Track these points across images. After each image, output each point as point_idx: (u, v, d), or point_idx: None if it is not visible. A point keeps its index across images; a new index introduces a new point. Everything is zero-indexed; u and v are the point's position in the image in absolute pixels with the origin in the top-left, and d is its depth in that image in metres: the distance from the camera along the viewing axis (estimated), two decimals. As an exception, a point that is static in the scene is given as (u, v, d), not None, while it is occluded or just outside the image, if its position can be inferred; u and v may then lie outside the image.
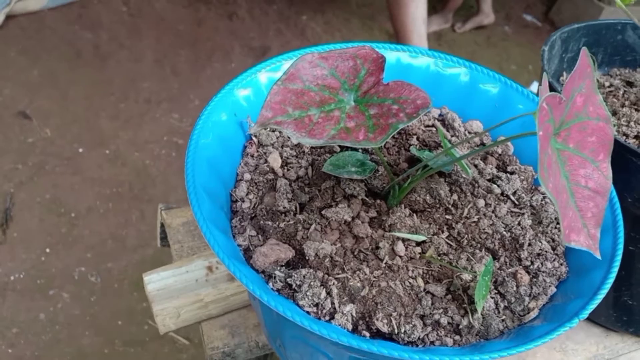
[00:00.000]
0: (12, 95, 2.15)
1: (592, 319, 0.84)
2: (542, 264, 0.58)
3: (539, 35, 2.89)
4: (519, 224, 0.61)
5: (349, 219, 0.59)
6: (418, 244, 0.58)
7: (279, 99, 0.47)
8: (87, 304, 1.70)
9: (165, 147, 2.10)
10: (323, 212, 0.59)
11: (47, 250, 1.79)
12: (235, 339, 0.76)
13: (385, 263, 0.56)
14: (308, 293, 0.52)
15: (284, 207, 0.60)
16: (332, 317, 0.52)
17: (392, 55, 0.70)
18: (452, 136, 0.69)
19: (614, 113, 0.79)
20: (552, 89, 0.73)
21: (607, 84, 0.86)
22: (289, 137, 0.68)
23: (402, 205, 0.60)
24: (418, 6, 1.80)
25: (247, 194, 0.62)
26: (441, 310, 0.54)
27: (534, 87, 2.52)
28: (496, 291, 0.57)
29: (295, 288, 0.53)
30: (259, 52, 2.51)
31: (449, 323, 0.54)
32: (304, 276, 0.53)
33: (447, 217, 0.61)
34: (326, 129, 0.46)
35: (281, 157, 0.65)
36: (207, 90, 2.32)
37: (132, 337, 1.66)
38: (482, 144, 0.70)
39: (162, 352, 1.65)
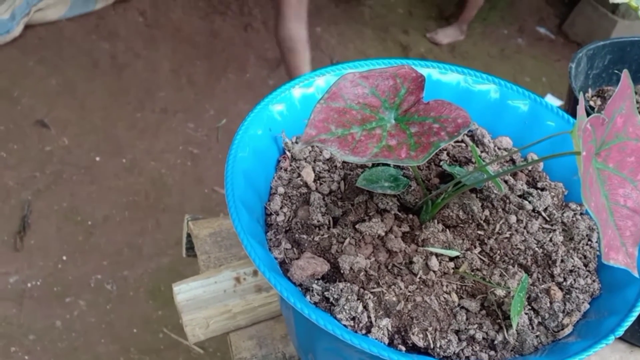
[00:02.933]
0: (30, 105, 2.18)
1: (616, 335, 0.85)
2: (574, 280, 0.59)
3: (553, 48, 2.90)
4: (550, 240, 0.62)
5: (383, 234, 0.60)
6: (451, 259, 0.59)
7: (322, 117, 0.48)
8: (103, 312, 1.71)
9: (180, 157, 2.12)
10: (357, 226, 0.60)
11: (64, 258, 1.80)
12: (263, 349, 0.77)
13: (420, 278, 0.57)
14: (345, 307, 0.53)
15: (318, 221, 0.61)
16: (368, 331, 0.53)
17: (423, 71, 0.71)
18: (481, 152, 0.70)
19: (640, 130, 0.79)
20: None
21: (631, 100, 0.86)
22: (321, 152, 0.69)
23: (435, 221, 0.61)
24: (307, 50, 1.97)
25: (281, 207, 0.63)
26: (476, 326, 0.55)
27: (549, 99, 2.53)
28: (530, 307, 0.57)
29: (333, 302, 0.54)
30: (274, 63, 2.53)
31: (483, 338, 0.54)
32: (341, 290, 0.54)
33: (479, 232, 0.62)
34: (369, 146, 0.47)
35: (314, 171, 0.66)
36: (223, 100, 2.34)
37: (147, 345, 1.67)
38: (512, 160, 0.71)
39: (177, 360, 1.66)
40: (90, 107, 2.22)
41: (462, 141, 0.71)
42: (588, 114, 0.44)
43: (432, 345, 0.53)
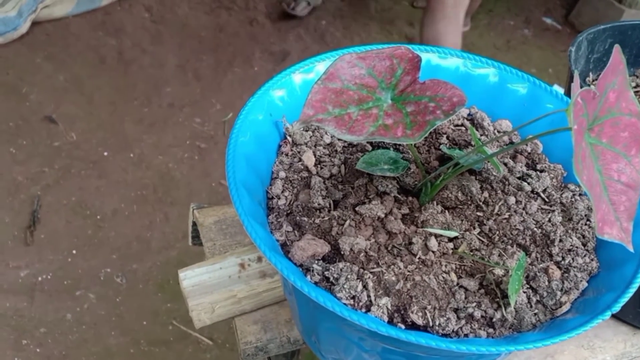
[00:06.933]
0: (38, 101, 2.20)
1: (619, 317, 0.85)
2: (573, 259, 0.59)
3: (559, 39, 2.88)
4: (549, 220, 0.62)
5: (382, 216, 0.60)
6: (450, 239, 0.60)
7: (320, 98, 0.49)
8: (112, 305, 1.73)
9: (188, 151, 2.13)
10: (357, 208, 0.61)
11: (74, 251, 1.82)
12: (268, 334, 0.78)
13: (419, 258, 0.58)
14: (345, 286, 0.54)
15: (319, 204, 0.62)
16: (368, 310, 0.54)
17: (423, 56, 0.71)
18: (481, 135, 0.71)
19: (641, 113, 0.80)
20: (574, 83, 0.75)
21: (632, 84, 0.86)
22: (321, 136, 0.69)
23: (434, 202, 0.62)
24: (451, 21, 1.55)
25: (282, 191, 0.64)
26: (474, 304, 0.55)
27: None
28: (528, 286, 0.58)
29: (333, 281, 0.55)
30: (279, 57, 2.53)
31: (482, 316, 0.55)
32: (341, 269, 0.55)
33: (478, 213, 0.62)
34: (365, 125, 0.48)
35: (315, 156, 0.67)
36: (229, 95, 2.35)
37: (157, 337, 1.68)
38: (511, 143, 0.71)
39: (186, 352, 1.67)
40: (98, 102, 2.23)
41: (462, 125, 0.72)
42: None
43: (431, 323, 0.54)
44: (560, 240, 0.60)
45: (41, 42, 2.41)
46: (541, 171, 0.67)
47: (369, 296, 0.54)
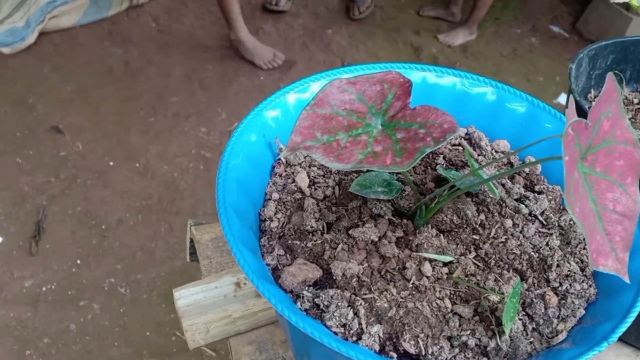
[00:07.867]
0: (45, 111, 2.21)
1: (622, 339, 0.83)
2: (570, 285, 0.58)
3: (566, 47, 2.86)
4: (547, 244, 0.61)
5: (376, 239, 0.59)
6: (445, 264, 0.59)
7: (308, 124, 0.48)
8: (116, 315, 1.73)
9: (193, 161, 2.13)
10: (350, 231, 0.60)
11: (78, 261, 1.82)
12: (263, 355, 0.77)
13: (412, 283, 0.57)
14: (335, 314, 0.53)
15: (312, 227, 0.61)
16: (359, 338, 0.53)
17: (418, 75, 0.70)
18: (478, 155, 0.70)
19: (644, 130, 0.78)
20: (579, 107, 0.73)
21: (635, 100, 0.85)
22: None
23: (429, 225, 0.61)
24: None
25: (275, 214, 0.63)
26: (469, 332, 0.54)
27: (562, 98, 2.49)
28: (524, 313, 0.57)
29: (323, 308, 0.54)
30: (285, 66, 2.53)
31: (476, 345, 0.54)
32: (331, 296, 0.54)
33: (474, 237, 0.61)
34: (354, 153, 0.47)
35: (308, 177, 0.66)
36: (234, 104, 2.35)
37: (160, 348, 1.68)
38: (510, 163, 0.70)
39: (190, 364, 1.67)
40: (104, 112, 2.24)
41: (459, 144, 0.71)
42: (585, 116, 0.43)
43: (423, 352, 0.53)
44: (558, 265, 0.59)
45: (48, 52, 2.43)
46: (539, 193, 0.66)
47: (360, 324, 0.53)
